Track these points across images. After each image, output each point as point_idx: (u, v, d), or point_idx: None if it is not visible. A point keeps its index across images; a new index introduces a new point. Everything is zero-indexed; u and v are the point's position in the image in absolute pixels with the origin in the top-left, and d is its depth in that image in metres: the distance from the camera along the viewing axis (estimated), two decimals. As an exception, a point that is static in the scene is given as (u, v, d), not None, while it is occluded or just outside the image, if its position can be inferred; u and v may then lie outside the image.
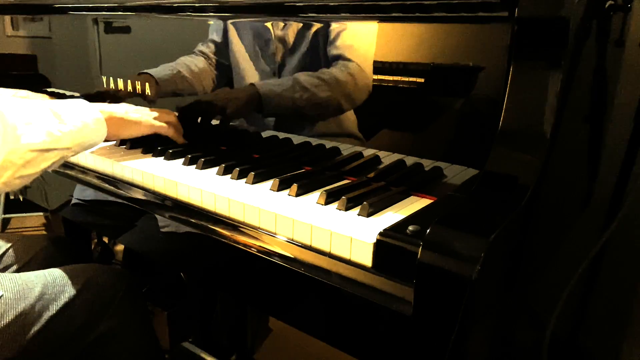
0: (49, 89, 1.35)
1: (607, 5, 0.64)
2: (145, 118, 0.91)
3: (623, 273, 0.94)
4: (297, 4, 0.80)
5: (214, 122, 0.98)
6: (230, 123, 0.96)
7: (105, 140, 0.86)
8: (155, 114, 0.94)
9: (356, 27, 0.75)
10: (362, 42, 0.74)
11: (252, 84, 0.89)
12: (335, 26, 0.77)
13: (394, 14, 0.70)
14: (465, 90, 0.67)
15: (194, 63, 0.98)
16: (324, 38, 0.78)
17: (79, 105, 0.81)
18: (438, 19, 0.67)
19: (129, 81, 1.09)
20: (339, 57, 0.76)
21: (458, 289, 0.47)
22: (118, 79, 1.12)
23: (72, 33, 1.24)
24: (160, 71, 1.04)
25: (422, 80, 0.70)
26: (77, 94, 1.27)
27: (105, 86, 1.15)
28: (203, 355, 1.22)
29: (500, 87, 0.60)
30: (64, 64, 1.30)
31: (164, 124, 0.93)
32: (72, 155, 0.80)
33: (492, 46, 0.64)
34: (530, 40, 0.58)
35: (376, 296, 0.54)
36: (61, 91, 1.32)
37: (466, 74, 0.67)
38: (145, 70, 1.05)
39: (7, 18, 1.41)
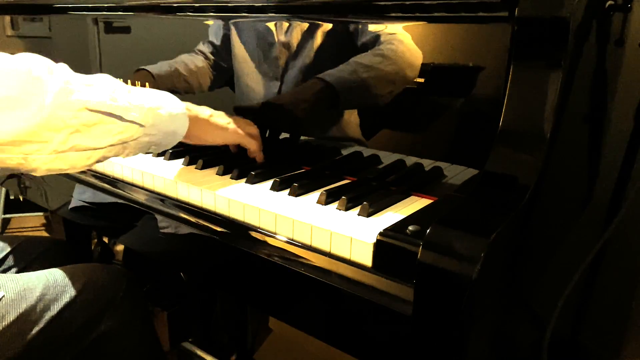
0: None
1: (607, 5, 0.64)
2: (232, 126, 0.80)
3: (623, 273, 0.94)
4: (295, 4, 0.81)
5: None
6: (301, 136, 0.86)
7: (184, 145, 0.78)
8: (238, 122, 0.83)
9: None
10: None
11: (317, 78, 0.78)
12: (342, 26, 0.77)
13: (393, 14, 0.70)
14: (465, 90, 0.67)
15: (193, 62, 0.96)
16: (327, 39, 0.78)
17: (160, 92, 0.72)
18: (438, 19, 0.67)
19: (129, 80, 1.09)
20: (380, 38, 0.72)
21: (458, 289, 0.47)
22: (118, 79, 1.11)
23: (72, 33, 1.24)
24: (159, 67, 1.02)
25: (422, 80, 0.70)
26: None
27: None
28: (203, 355, 1.22)
29: (500, 87, 0.60)
30: (64, 64, 1.30)
31: (249, 136, 0.83)
32: (150, 148, 0.70)
33: (492, 46, 0.64)
34: (530, 40, 0.58)
35: (376, 296, 0.54)
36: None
37: (466, 74, 0.67)
38: (143, 67, 1.04)
39: (7, 18, 1.41)
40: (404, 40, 0.70)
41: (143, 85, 1.04)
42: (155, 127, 0.68)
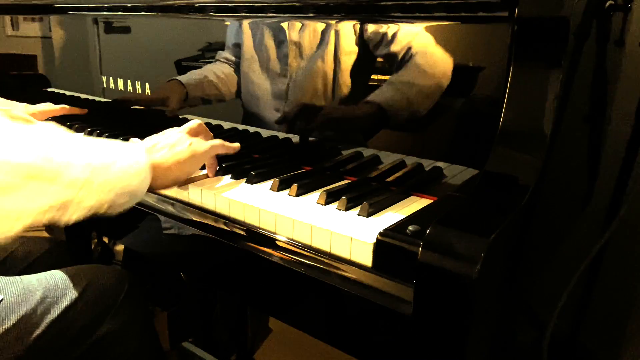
0: (49, 89, 1.35)
1: (607, 5, 0.64)
2: (194, 146, 0.72)
3: (623, 273, 0.94)
4: (296, 4, 0.81)
5: (214, 122, 0.98)
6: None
7: (153, 192, 0.69)
8: (191, 126, 0.76)
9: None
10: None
11: (368, 101, 0.74)
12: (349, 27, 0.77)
13: (393, 14, 0.70)
14: (465, 90, 0.67)
15: (221, 69, 0.94)
16: (321, 39, 0.78)
17: (114, 143, 0.63)
18: (438, 18, 0.67)
19: (138, 82, 1.09)
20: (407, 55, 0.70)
21: (458, 289, 0.47)
22: (118, 79, 1.12)
23: (72, 33, 1.24)
24: (189, 77, 1.00)
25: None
26: (77, 94, 1.27)
27: (105, 86, 1.15)
28: (203, 355, 1.22)
29: (500, 87, 0.60)
30: (64, 64, 1.30)
31: (216, 142, 0.76)
32: (102, 209, 0.58)
33: (492, 46, 0.64)
34: (530, 40, 0.58)
35: (376, 296, 0.54)
36: (61, 91, 1.32)
37: (466, 74, 0.67)
38: (174, 77, 1.02)
39: (7, 18, 1.41)
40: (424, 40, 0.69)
41: (176, 96, 1.00)
42: (108, 185, 0.57)
